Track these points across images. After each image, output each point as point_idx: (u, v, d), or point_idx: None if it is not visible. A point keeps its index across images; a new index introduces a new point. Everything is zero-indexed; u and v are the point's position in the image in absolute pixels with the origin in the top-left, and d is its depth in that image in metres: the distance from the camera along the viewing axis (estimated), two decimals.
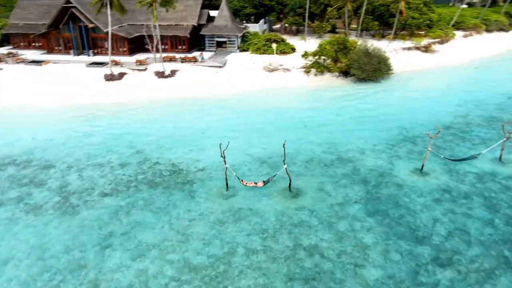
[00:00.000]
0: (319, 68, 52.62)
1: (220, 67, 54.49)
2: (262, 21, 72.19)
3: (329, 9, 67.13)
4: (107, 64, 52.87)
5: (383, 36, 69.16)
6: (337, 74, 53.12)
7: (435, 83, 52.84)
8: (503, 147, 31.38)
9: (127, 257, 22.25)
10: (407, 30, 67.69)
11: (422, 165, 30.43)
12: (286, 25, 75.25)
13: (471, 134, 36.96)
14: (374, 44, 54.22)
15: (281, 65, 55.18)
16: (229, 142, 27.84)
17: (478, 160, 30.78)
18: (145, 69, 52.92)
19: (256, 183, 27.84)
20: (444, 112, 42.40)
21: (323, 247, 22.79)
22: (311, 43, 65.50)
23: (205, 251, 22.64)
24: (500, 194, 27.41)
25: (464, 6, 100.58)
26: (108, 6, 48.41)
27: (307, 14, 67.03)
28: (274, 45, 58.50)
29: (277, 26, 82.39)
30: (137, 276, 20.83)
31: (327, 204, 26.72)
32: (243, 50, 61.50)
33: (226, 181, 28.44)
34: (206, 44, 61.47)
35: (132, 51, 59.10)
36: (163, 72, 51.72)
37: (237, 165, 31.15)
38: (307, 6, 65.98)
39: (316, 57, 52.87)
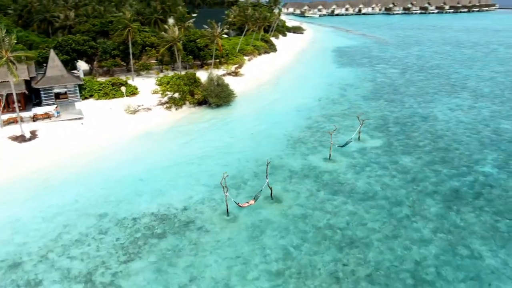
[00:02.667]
0: (179, 102, 57.88)
1: (80, 118, 51.63)
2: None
3: (148, 49, 72.04)
4: None
5: (201, 66, 79.37)
6: (193, 105, 59.66)
7: (266, 98, 66.85)
8: (360, 131, 47.33)
9: None
10: (215, 60, 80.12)
11: (330, 154, 42.61)
12: (97, 67, 74.63)
13: (326, 129, 51.90)
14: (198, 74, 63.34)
15: (140, 105, 57.11)
16: (225, 172, 31.89)
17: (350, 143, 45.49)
18: None
19: (248, 202, 33.00)
20: (296, 117, 56.42)
21: (333, 222, 31.15)
22: (138, 82, 68.69)
23: (270, 259, 27.14)
24: (377, 158, 42.55)
25: (225, 36, 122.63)
26: None
27: (131, 55, 69.53)
28: (123, 88, 59.29)
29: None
30: None
31: (304, 198, 34.90)
32: (85, 98, 59.11)
33: (227, 207, 32.30)
34: (43, 98, 55.62)
35: None
36: (23, 136, 45.20)
37: (203, 202, 34.86)
38: (130, 47, 68.61)
39: (176, 93, 57.74)
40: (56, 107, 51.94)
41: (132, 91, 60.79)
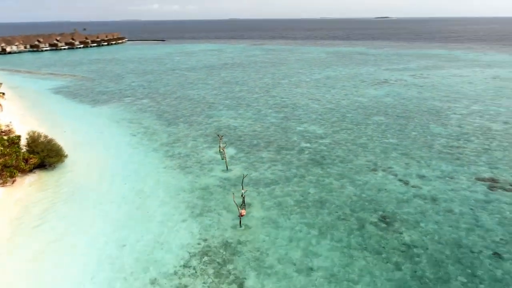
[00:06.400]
0: (15, 173, 47.60)
1: None
2: None
3: None
4: None
5: None
6: (27, 173, 50.20)
7: (88, 146, 62.66)
8: (220, 145, 58.74)
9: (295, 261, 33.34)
10: None
11: (227, 166, 52.38)
12: None
13: (181, 154, 59.03)
14: None
15: None
16: (243, 189, 37.41)
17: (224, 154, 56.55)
18: None
19: (242, 213, 40.17)
20: (148, 152, 59.22)
21: (298, 198, 43.76)
22: None
23: (308, 230, 37.37)
24: (249, 159, 56.27)
25: None
26: None
27: None
28: None
29: None
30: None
31: (260, 195, 44.82)
32: None
33: (240, 220, 38.25)
34: None
35: None
36: None
37: (207, 230, 38.79)
38: None
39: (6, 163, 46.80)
40: None
41: None
